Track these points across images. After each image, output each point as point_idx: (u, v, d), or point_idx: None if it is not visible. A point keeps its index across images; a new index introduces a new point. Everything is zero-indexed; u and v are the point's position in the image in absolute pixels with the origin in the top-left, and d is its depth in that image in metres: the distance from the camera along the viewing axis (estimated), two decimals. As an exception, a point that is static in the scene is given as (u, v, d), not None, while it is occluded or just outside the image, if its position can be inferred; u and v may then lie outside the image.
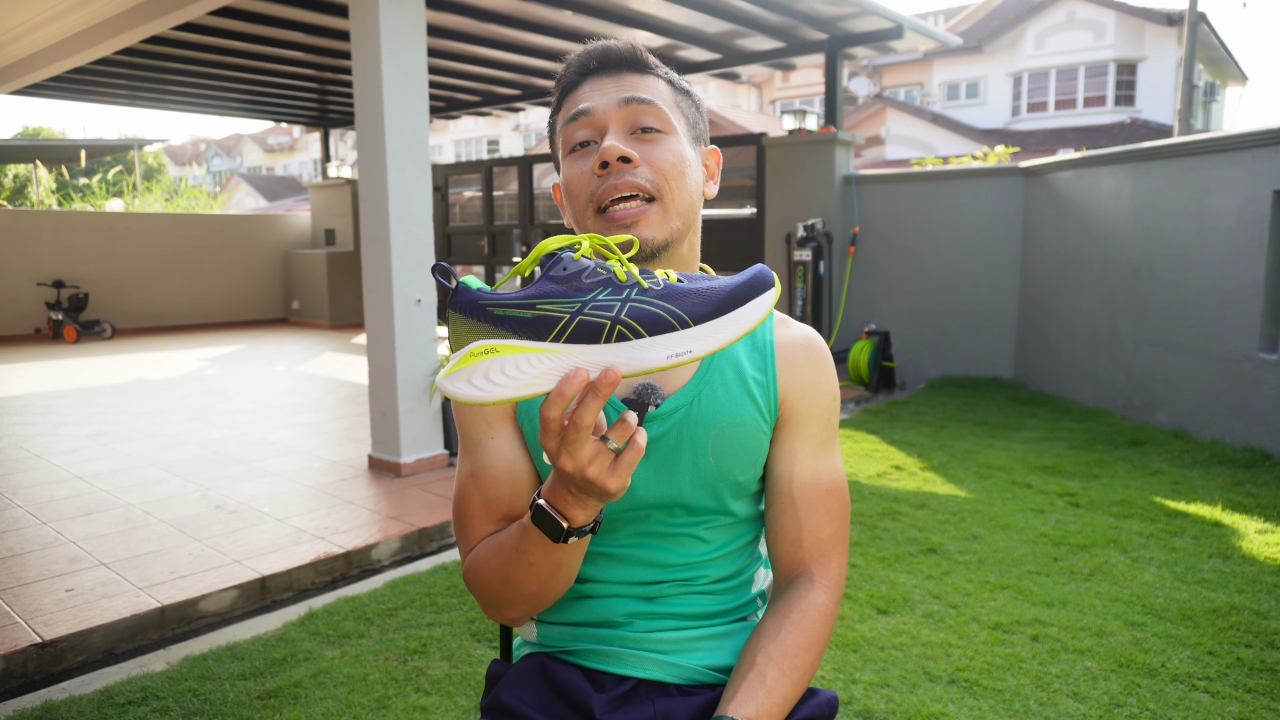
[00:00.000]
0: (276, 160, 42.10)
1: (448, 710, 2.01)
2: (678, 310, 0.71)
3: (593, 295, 0.71)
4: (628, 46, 0.95)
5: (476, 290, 0.72)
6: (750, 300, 0.72)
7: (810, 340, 1.01)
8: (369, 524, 3.27)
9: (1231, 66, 22.23)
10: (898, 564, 2.86)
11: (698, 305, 0.71)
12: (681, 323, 0.71)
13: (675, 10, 5.91)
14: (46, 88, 7.89)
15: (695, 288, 0.73)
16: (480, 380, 0.70)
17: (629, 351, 0.71)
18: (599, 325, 0.70)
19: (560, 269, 0.72)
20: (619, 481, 0.73)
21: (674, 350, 0.71)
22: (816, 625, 0.91)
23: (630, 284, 0.72)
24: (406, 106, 3.83)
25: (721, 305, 0.72)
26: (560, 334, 0.70)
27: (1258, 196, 4.08)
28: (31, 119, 77.87)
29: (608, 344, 0.70)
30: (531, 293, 0.71)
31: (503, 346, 0.70)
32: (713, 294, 0.72)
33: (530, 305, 0.70)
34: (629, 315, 0.70)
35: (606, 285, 0.71)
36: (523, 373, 0.70)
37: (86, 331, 9.03)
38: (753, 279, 0.73)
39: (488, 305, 0.71)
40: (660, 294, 0.72)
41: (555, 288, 0.71)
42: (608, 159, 0.87)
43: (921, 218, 6.45)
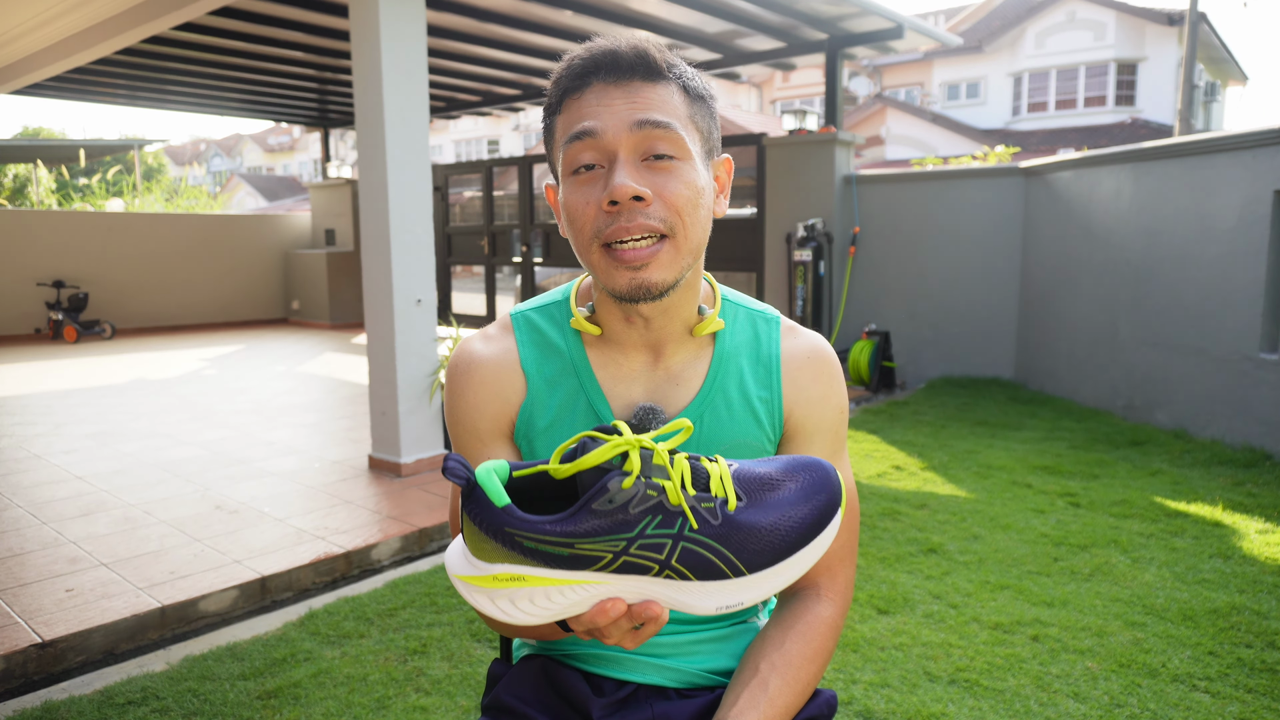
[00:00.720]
0: (276, 160, 42.09)
1: (448, 710, 2.01)
2: (734, 559, 0.64)
3: (640, 530, 0.63)
4: (636, 49, 0.85)
5: (502, 510, 0.63)
6: (811, 541, 0.66)
7: (817, 352, 0.97)
8: (369, 524, 3.27)
9: (1232, 66, 22.23)
10: (898, 564, 2.86)
11: (758, 554, 0.64)
12: (735, 571, 0.64)
13: (675, 10, 5.91)
14: (46, 88, 7.89)
15: (756, 525, 0.64)
16: (505, 604, 0.65)
17: (674, 592, 0.65)
18: (645, 568, 0.63)
19: (605, 501, 0.63)
20: (635, 645, 0.71)
21: (724, 602, 0.65)
22: (821, 637, 0.90)
23: (681, 512, 0.64)
24: (406, 106, 3.83)
25: (783, 552, 0.65)
26: (601, 570, 0.64)
27: (1258, 196, 4.08)
28: (31, 119, 77.91)
29: (652, 578, 0.64)
30: (569, 530, 0.63)
31: (532, 578, 0.64)
32: (775, 539, 0.65)
33: (569, 544, 0.63)
34: (680, 560, 0.63)
35: (656, 513, 0.63)
36: (554, 603, 0.65)
37: (86, 331, 9.03)
38: (822, 511, 0.67)
39: (517, 535, 0.63)
40: (717, 533, 0.64)
41: (598, 524, 0.63)
42: (619, 199, 0.80)
43: (922, 218, 6.45)
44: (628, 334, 0.92)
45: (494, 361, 0.94)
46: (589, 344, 0.94)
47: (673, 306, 0.90)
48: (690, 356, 0.94)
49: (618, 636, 0.70)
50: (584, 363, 0.93)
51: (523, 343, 0.95)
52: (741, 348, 0.96)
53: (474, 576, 0.64)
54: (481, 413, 0.93)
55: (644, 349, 0.93)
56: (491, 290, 9.43)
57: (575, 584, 0.64)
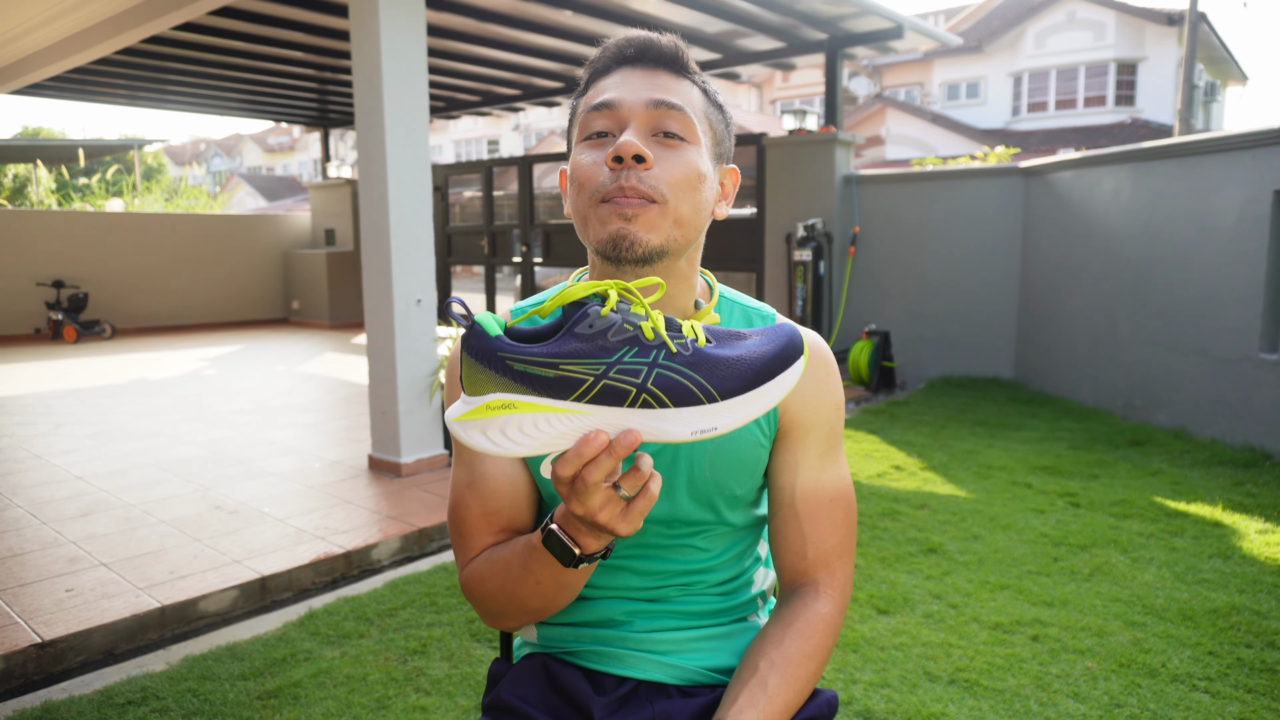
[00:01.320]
0: (276, 160, 42.09)
1: (448, 710, 2.01)
2: (705, 383, 0.69)
3: (619, 356, 0.68)
4: (670, 43, 0.91)
5: (495, 338, 0.68)
6: (779, 374, 0.71)
7: (813, 348, 0.98)
8: (369, 524, 3.27)
9: (1231, 66, 22.23)
10: (898, 564, 2.86)
11: (727, 379, 0.69)
12: (708, 396, 0.69)
13: (675, 10, 5.91)
14: (46, 88, 7.89)
15: (725, 356, 0.70)
16: (496, 435, 0.69)
17: (652, 420, 0.69)
18: (624, 391, 0.68)
19: (586, 325, 0.69)
20: (630, 526, 0.73)
21: (698, 426, 0.69)
22: (820, 634, 0.90)
23: (657, 344, 0.69)
24: (406, 106, 3.83)
25: (751, 380, 0.70)
26: (583, 395, 0.68)
27: (1258, 196, 4.08)
28: (31, 119, 77.91)
29: (631, 409, 0.68)
30: (555, 350, 0.68)
31: (521, 404, 0.68)
32: (743, 366, 0.70)
33: (553, 364, 0.68)
34: (655, 384, 0.68)
35: (633, 345, 0.69)
36: (541, 432, 0.69)
37: (86, 331, 9.03)
38: (784, 350, 0.71)
39: (507, 359, 0.68)
40: (689, 361, 0.69)
41: (580, 346, 0.68)
42: (622, 154, 0.84)
43: (922, 218, 6.45)
44: None
45: None
46: None
47: (665, 295, 0.91)
48: None
49: (609, 509, 0.71)
50: None
51: None
52: None
53: (468, 412, 0.69)
54: None
55: None
56: (491, 290, 9.43)
57: (560, 412, 0.68)
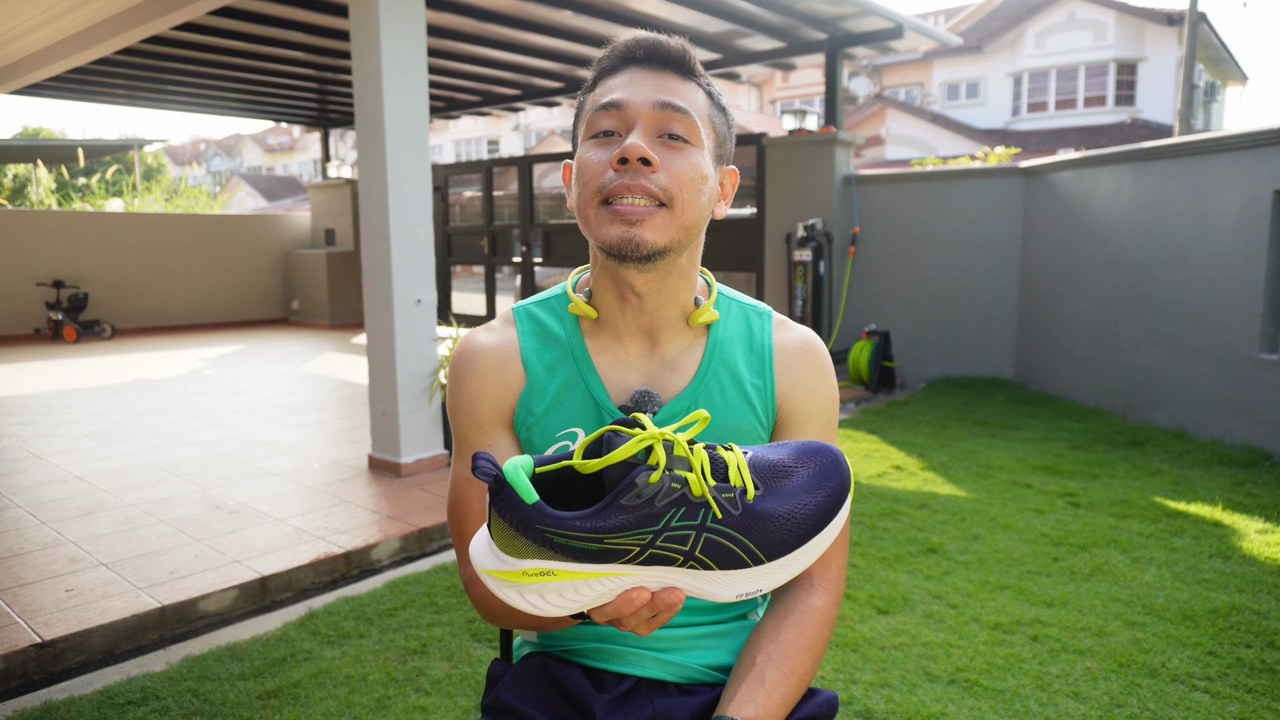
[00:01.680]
0: (276, 160, 42.09)
1: (448, 710, 2.01)
2: (754, 548, 0.67)
3: (665, 522, 0.65)
4: (678, 45, 0.93)
5: (532, 507, 0.64)
6: (825, 527, 0.69)
7: (809, 343, 1.01)
8: (369, 524, 3.27)
9: (1231, 66, 22.23)
10: (898, 564, 2.86)
11: (776, 543, 0.67)
12: (755, 560, 0.67)
13: (675, 10, 5.91)
14: (46, 88, 7.89)
15: (774, 515, 0.67)
16: (534, 598, 0.67)
17: (697, 580, 0.67)
18: (670, 559, 0.66)
19: (634, 497, 0.65)
20: (650, 631, 0.73)
21: (744, 590, 0.68)
22: (816, 627, 0.91)
23: (704, 503, 0.66)
24: (406, 106, 3.83)
25: (800, 539, 0.68)
26: (628, 562, 0.66)
27: (1258, 196, 4.08)
28: (31, 119, 77.92)
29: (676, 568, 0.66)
30: (599, 526, 0.64)
31: (561, 572, 0.65)
32: (793, 527, 0.67)
33: (598, 539, 0.64)
34: (703, 551, 0.66)
35: (680, 505, 0.65)
36: (582, 596, 0.67)
37: (86, 331, 9.03)
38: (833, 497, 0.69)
39: (546, 532, 0.64)
40: (738, 524, 0.66)
41: (626, 519, 0.64)
42: (628, 156, 0.85)
43: (922, 218, 6.45)
44: (623, 317, 0.95)
45: (496, 351, 0.98)
46: (587, 332, 0.98)
47: (665, 288, 0.93)
48: (685, 344, 0.98)
49: (635, 624, 0.72)
50: (582, 349, 0.97)
51: (524, 334, 0.99)
52: (735, 338, 0.99)
53: (503, 571, 0.66)
54: (483, 400, 0.96)
55: (640, 336, 0.96)
56: (491, 290, 9.43)
57: (604, 576, 0.66)
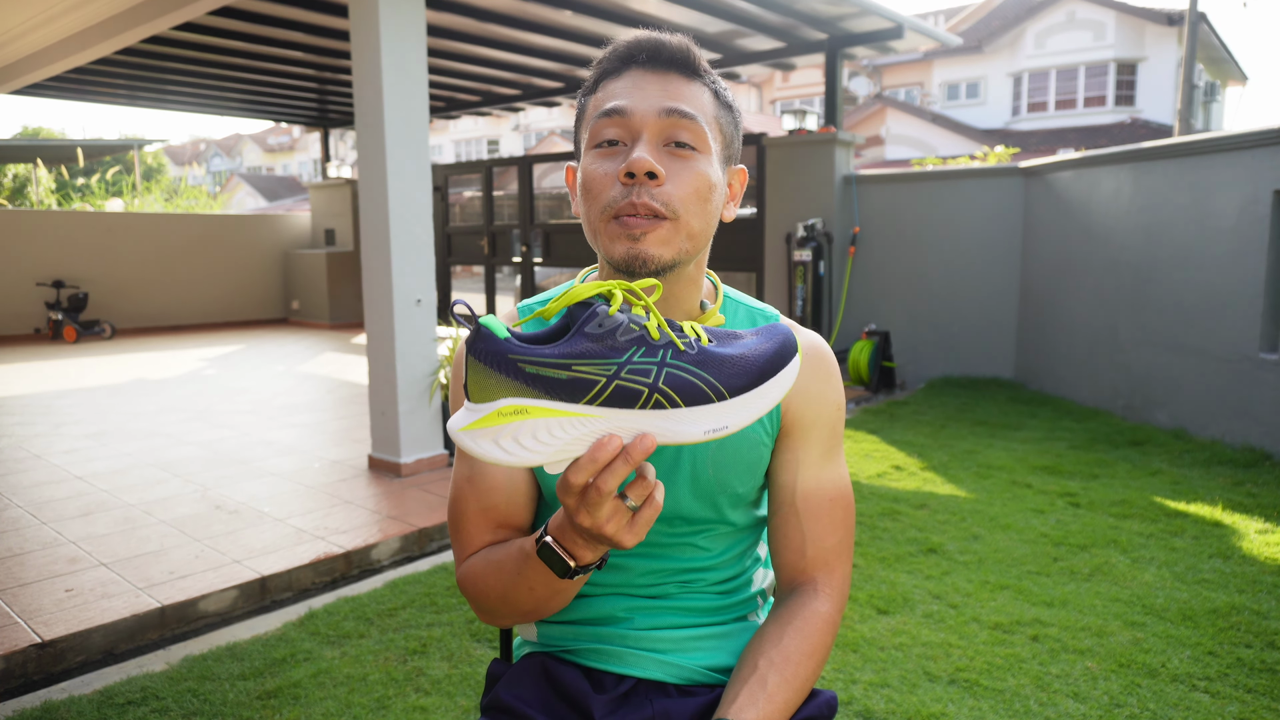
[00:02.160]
0: (276, 160, 42.09)
1: (448, 710, 2.01)
2: (715, 381, 0.69)
3: (628, 356, 0.67)
4: (681, 45, 0.90)
5: (504, 340, 0.67)
6: (780, 370, 0.72)
7: (816, 350, 0.99)
8: (369, 524, 3.27)
9: (1231, 66, 22.23)
10: (898, 564, 2.86)
11: (734, 377, 0.69)
12: (718, 394, 0.69)
13: (675, 10, 5.91)
14: (46, 88, 7.88)
15: (728, 355, 0.71)
16: (509, 443, 0.67)
17: (665, 421, 0.68)
18: (636, 392, 0.67)
19: (595, 325, 0.68)
20: (635, 537, 0.72)
21: (711, 425, 0.69)
22: (819, 633, 0.91)
23: (664, 343, 0.69)
24: (406, 106, 3.83)
25: (756, 377, 0.70)
26: (596, 397, 0.67)
27: (1258, 196, 4.08)
28: (31, 119, 77.89)
29: (643, 410, 0.68)
30: (566, 351, 0.67)
31: (534, 408, 0.66)
32: (747, 364, 0.70)
33: (566, 365, 0.66)
34: (666, 383, 0.68)
35: (640, 344, 0.68)
36: (555, 438, 0.67)
37: (86, 331, 9.03)
38: (781, 346, 0.72)
39: (519, 360, 0.66)
40: (695, 359, 0.69)
41: (590, 346, 0.67)
42: (635, 170, 0.83)
43: (921, 218, 6.45)
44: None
45: None
46: None
47: (672, 295, 0.92)
48: None
49: (616, 519, 0.70)
50: None
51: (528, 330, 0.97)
52: None
53: (478, 420, 0.67)
54: None
55: None
56: (491, 290, 9.43)
57: (574, 416, 0.67)
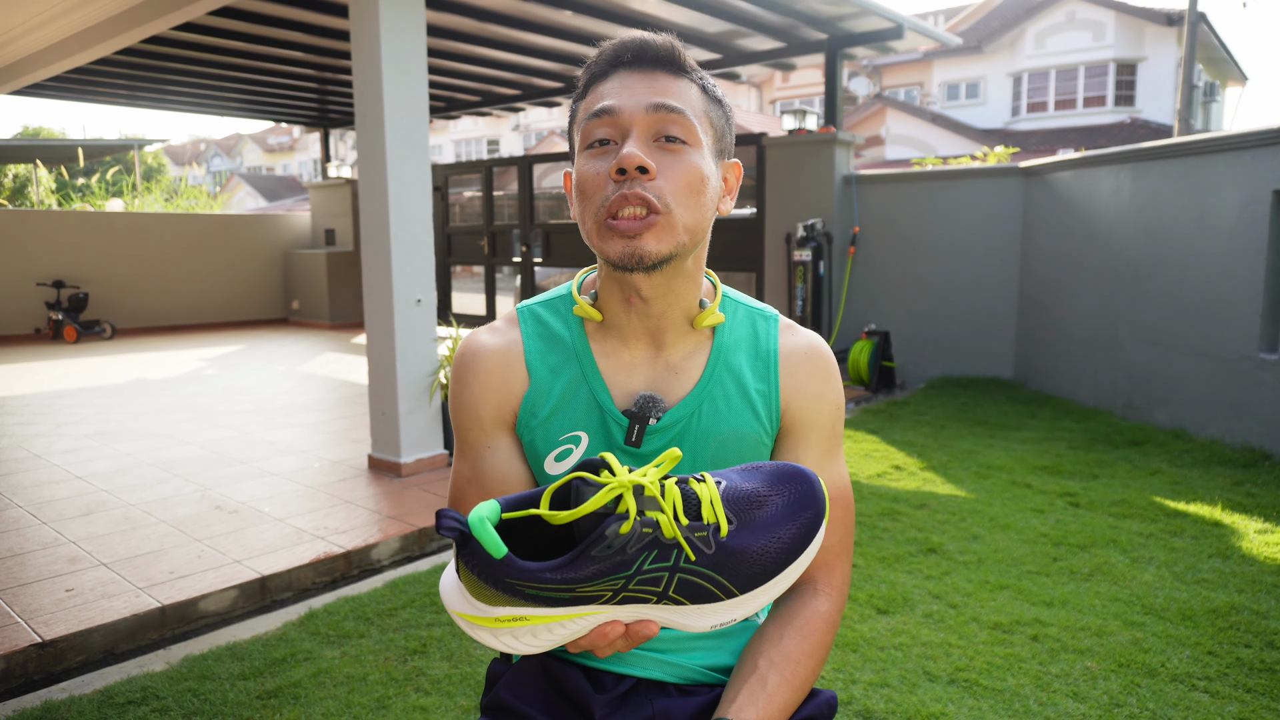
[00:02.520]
0: (276, 160, 42.08)
1: (448, 710, 2.01)
2: (727, 583, 0.66)
3: (638, 566, 0.65)
4: (666, 43, 0.91)
5: (500, 562, 0.63)
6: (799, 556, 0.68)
7: (815, 348, 0.99)
8: (369, 524, 3.27)
9: (1231, 66, 22.23)
10: (898, 564, 2.86)
11: (750, 577, 0.67)
12: (728, 594, 0.67)
13: (675, 10, 5.91)
14: (46, 88, 7.88)
15: (747, 551, 0.67)
16: (508, 639, 0.67)
17: (670, 615, 0.67)
18: (643, 600, 0.66)
19: (604, 547, 0.64)
20: (626, 649, 0.73)
21: (718, 620, 0.68)
22: (819, 633, 0.91)
23: (676, 544, 0.65)
24: (406, 106, 3.83)
25: (772, 569, 0.67)
26: (601, 604, 0.66)
27: (1258, 196, 4.08)
28: (31, 119, 77.91)
29: (650, 606, 0.67)
30: (570, 577, 0.64)
31: (534, 617, 0.65)
32: (766, 560, 0.67)
33: (570, 589, 0.64)
34: (676, 590, 0.66)
35: (652, 548, 0.65)
36: (555, 635, 0.67)
37: (86, 331, 9.03)
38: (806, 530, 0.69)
39: (517, 585, 0.64)
40: (711, 562, 0.66)
41: (597, 569, 0.64)
42: (625, 166, 0.84)
43: (921, 218, 6.45)
44: (629, 321, 0.94)
45: (499, 352, 0.97)
46: (592, 335, 0.97)
47: (671, 291, 0.92)
48: (690, 349, 0.96)
49: (609, 652, 0.73)
50: (586, 352, 0.96)
51: (527, 335, 0.98)
52: (740, 342, 0.98)
53: (476, 617, 0.66)
54: (485, 401, 0.95)
55: (645, 339, 0.95)
56: (491, 290, 9.43)
57: (577, 617, 0.66)
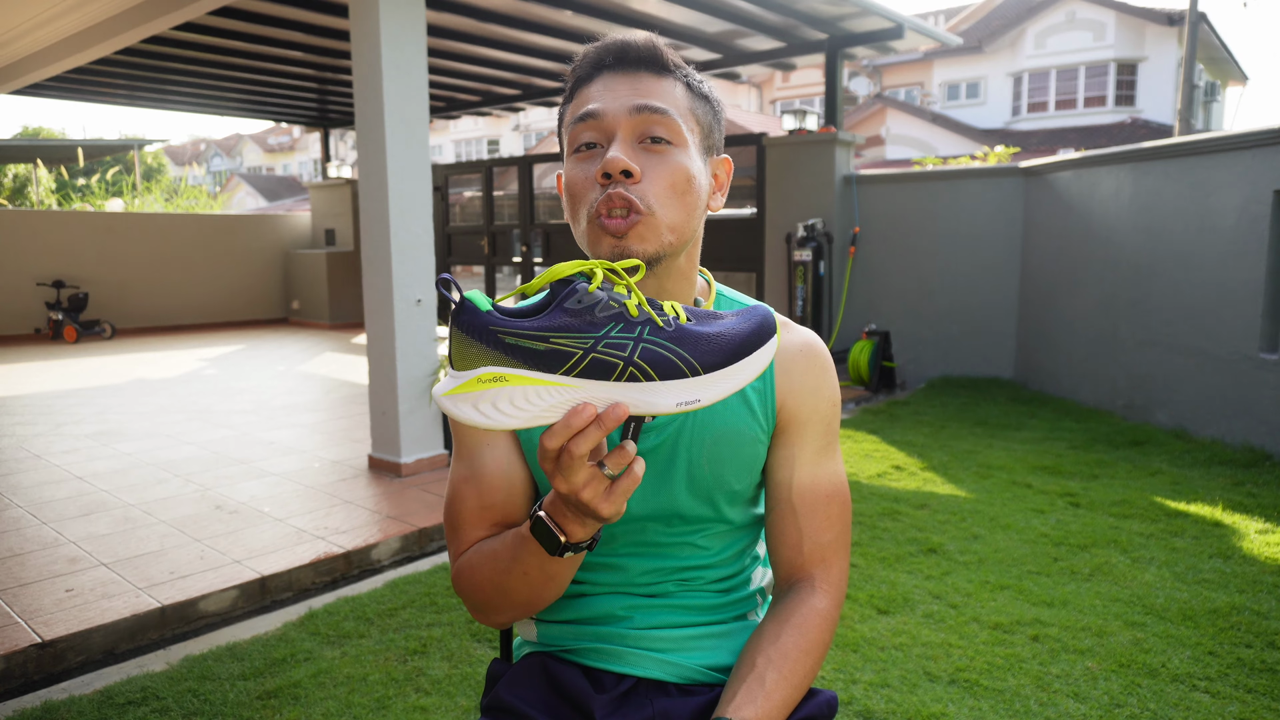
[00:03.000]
0: (276, 160, 42.09)
1: (448, 710, 2.01)
2: (689, 357, 0.71)
3: (606, 331, 0.70)
4: (647, 44, 0.92)
5: (486, 313, 0.70)
6: (756, 349, 0.73)
7: (810, 345, 1.00)
8: (369, 524, 3.27)
9: (1231, 66, 22.23)
10: (898, 564, 2.86)
11: (709, 354, 0.71)
12: (692, 370, 0.71)
13: (675, 10, 5.91)
14: (46, 87, 7.88)
15: (705, 332, 0.73)
16: (487, 408, 0.70)
17: (639, 393, 0.71)
18: (611, 365, 0.70)
19: (574, 301, 0.71)
20: (613, 507, 0.73)
21: (684, 398, 0.71)
22: (817, 630, 0.91)
23: (643, 320, 0.71)
24: (406, 106, 3.83)
25: (731, 354, 0.72)
26: (572, 369, 0.69)
27: (1258, 196, 4.08)
28: (31, 119, 77.92)
29: (618, 382, 0.70)
30: (545, 324, 0.70)
31: (513, 376, 0.69)
32: (723, 342, 0.72)
33: (544, 338, 0.69)
34: (641, 357, 0.70)
35: (619, 320, 0.71)
36: (532, 405, 0.70)
37: (86, 331, 9.03)
38: (759, 328, 0.74)
39: (499, 332, 0.69)
40: (672, 336, 0.71)
41: (569, 320, 0.70)
42: (610, 170, 0.85)
43: (922, 218, 6.45)
44: None
45: None
46: None
47: (664, 290, 0.92)
48: None
49: (593, 486, 0.71)
50: None
51: None
52: None
53: (459, 385, 0.70)
54: None
55: None
56: (491, 290, 9.43)
57: (550, 385, 0.69)
